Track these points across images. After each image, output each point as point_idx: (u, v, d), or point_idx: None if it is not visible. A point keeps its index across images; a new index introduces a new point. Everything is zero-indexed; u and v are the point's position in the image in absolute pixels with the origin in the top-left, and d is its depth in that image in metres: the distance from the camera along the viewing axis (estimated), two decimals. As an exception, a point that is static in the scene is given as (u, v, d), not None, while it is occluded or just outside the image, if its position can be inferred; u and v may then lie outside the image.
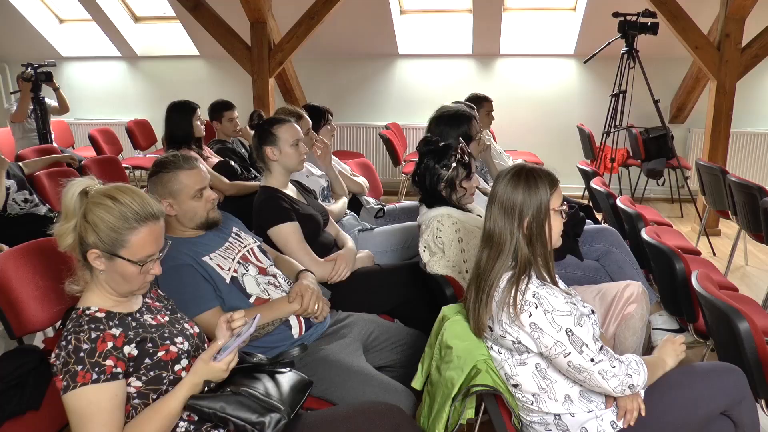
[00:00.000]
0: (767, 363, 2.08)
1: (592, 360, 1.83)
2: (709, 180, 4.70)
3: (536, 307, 1.84)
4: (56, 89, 6.10)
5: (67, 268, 1.82)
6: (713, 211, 4.94)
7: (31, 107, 5.81)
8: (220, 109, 4.84)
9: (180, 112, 4.29)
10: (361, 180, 4.10)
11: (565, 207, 1.99)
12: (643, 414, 1.91)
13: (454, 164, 2.72)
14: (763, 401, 2.16)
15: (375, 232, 3.52)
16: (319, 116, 4.09)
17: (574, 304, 1.88)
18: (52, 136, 6.01)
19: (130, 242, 1.70)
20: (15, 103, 5.99)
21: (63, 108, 6.30)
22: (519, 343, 1.89)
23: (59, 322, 2.53)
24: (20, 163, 4.36)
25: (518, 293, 1.86)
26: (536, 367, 1.92)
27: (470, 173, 2.77)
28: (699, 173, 4.89)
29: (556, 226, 1.96)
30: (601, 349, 1.85)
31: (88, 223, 1.69)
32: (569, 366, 1.84)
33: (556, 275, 2.00)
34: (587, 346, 1.83)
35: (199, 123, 4.33)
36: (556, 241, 1.99)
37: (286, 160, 3.00)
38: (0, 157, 3.81)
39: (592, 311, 1.95)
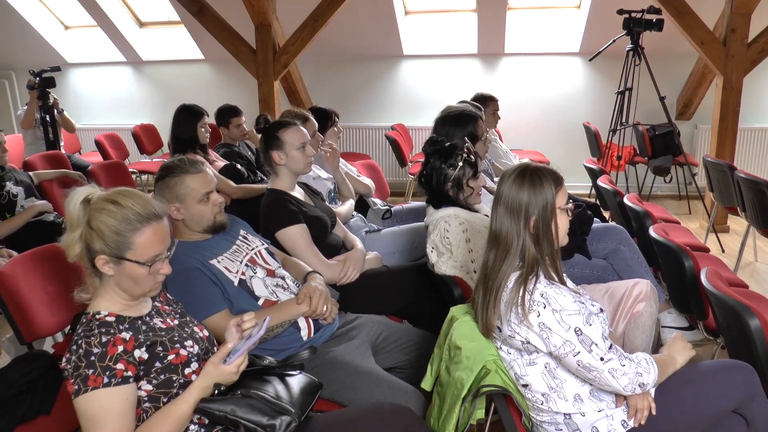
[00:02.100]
0: (778, 360, 2.07)
1: (602, 359, 1.82)
2: (716, 176, 4.68)
3: (545, 307, 1.84)
4: (60, 112, 6.01)
5: (76, 277, 1.82)
6: (721, 207, 4.91)
7: (39, 115, 5.81)
8: (227, 115, 4.84)
9: (186, 116, 4.31)
10: (368, 181, 4.10)
11: (570, 205, 1.98)
12: (653, 413, 1.91)
13: (460, 164, 2.72)
14: (775, 398, 2.15)
15: (382, 234, 3.52)
16: (326, 118, 4.09)
17: (583, 303, 1.88)
18: (62, 143, 6.02)
19: (135, 244, 1.70)
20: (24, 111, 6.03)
21: (68, 128, 6.24)
22: (528, 343, 1.89)
23: (68, 327, 2.54)
24: (30, 173, 4.38)
25: (526, 293, 1.85)
26: (545, 367, 1.92)
27: (477, 172, 2.77)
28: (706, 169, 4.87)
29: (563, 224, 1.96)
30: (610, 347, 1.85)
31: (93, 230, 1.69)
32: (579, 365, 1.84)
33: (564, 274, 2.00)
34: (596, 344, 1.82)
35: (203, 130, 4.33)
36: (563, 239, 1.98)
37: (293, 164, 3.00)
38: None
39: (601, 310, 1.95)
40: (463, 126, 3.31)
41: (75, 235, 1.71)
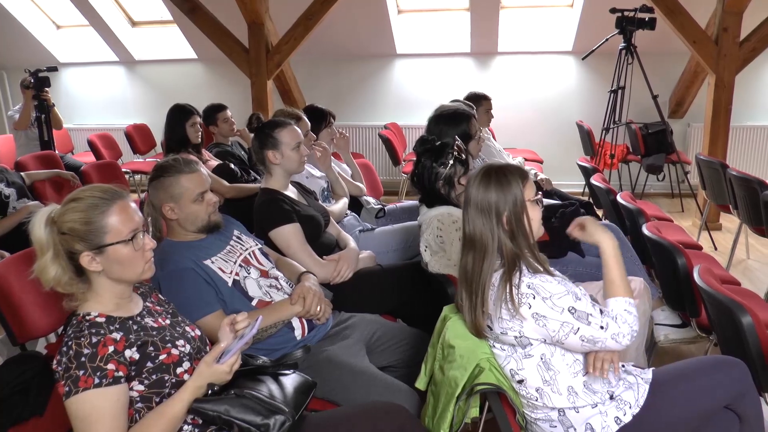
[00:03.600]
0: (771, 356, 2.09)
1: (602, 327, 1.84)
2: (709, 174, 4.70)
3: (534, 297, 1.85)
4: (51, 106, 5.94)
5: None
6: (714, 205, 4.93)
7: (35, 114, 5.78)
8: (213, 112, 4.84)
9: (176, 115, 4.31)
10: (358, 183, 4.10)
11: (539, 196, 2.00)
12: (615, 368, 1.92)
13: (451, 161, 2.72)
14: (766, 394, 2.17)
15: (376, 233, 3.52)
16: (321, 118, 4.09)
17: (568, 284, 1.90)
18: (54, 143, 5.99)
19: (108, 225, 1.70)
20: (19, 111, 5.99)
21: (56, 125, 6.16)
22: (522, 336, 1.90)
23: (61, 328, 2.53)
24: (22, 174, 4.36)
25: (513, 288, 1.86)
26: (541, 358, 1.92)
27: (468, 170, 2.78)
28: (699, 168, 4.89)
29: (535, 216, 1.99)
30: (602, 313, 1.87)
31: (67, 234, 1.69)
32: (583, 340, 1.85)
33: (554, 270, 2.00)
34: (592, 315, 1.84)
35: (194, 129, 4.31)
36: (538, 230, 2.01)
37: (288, 164, 3.00)
38: None
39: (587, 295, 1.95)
40: (457, 125, 3.32)
41: (46, 258, 1.69)
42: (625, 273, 2.00)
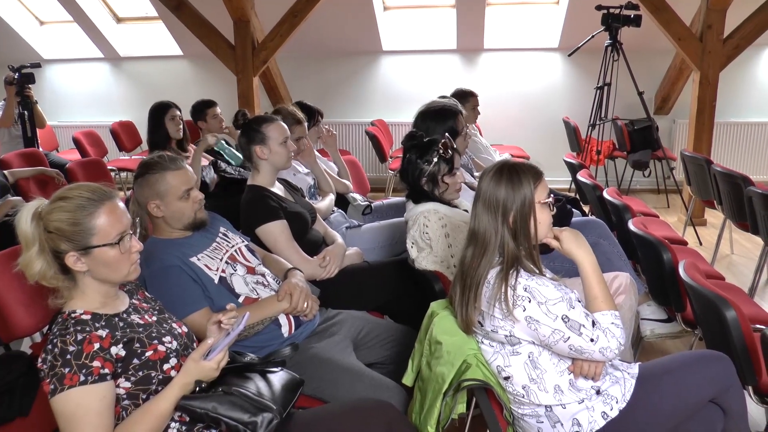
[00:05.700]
0: (754, 350, 2.11)
1: (592, 340, 1.84)
2: (694, 170, 4.73)
3: (529, 301, 1.85)
4: (34, 103, 5.85)
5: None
6: (699, 201, 4.97)
7: (18, 111, 5.71)
8: (202, 108, 4.81)
9: (155, 114, 4.29)
10: (344, 180, 4.10)
11: (551, 199, 1.99)
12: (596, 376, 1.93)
13: (435, 159, 2.71)
14: (750, 388, 2.19)
15: (363, 229, 3.52)
16: (309, 116, 4.08)
17: (564, 288, 1.89)
18: (38, 141, 5.92)
19: (96, 227, 1.69)
20: (1, 108, 5.91)
21: (39, 123, 6.03)
22: (512, 336, 1.90)
23: (47, 326, 2.51)
24: (5, 172, 4.32)
25: (509, 288, 1.86)
26: (529, 357, 1.93)
27: (452, 169, 2.77)
28: (684, 164, 4.93)
29: (544, 219, 1.96)
30: (593, 324, 1.86)
31: (53, 232, 1.67)
32: (571, 349, 1.86)
33: (544, 267, 2.01)
34: (584, 326, 1.84)
35: (173, 123, 4.29)
36: (547, 233, 1.99)
37: (276, 159, 2.99)
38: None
39: (578, 300, 1.96)
40: (444, 121, 3.32)
41: (32, 253, 1.68)
42: (606, 286, 1.98)
